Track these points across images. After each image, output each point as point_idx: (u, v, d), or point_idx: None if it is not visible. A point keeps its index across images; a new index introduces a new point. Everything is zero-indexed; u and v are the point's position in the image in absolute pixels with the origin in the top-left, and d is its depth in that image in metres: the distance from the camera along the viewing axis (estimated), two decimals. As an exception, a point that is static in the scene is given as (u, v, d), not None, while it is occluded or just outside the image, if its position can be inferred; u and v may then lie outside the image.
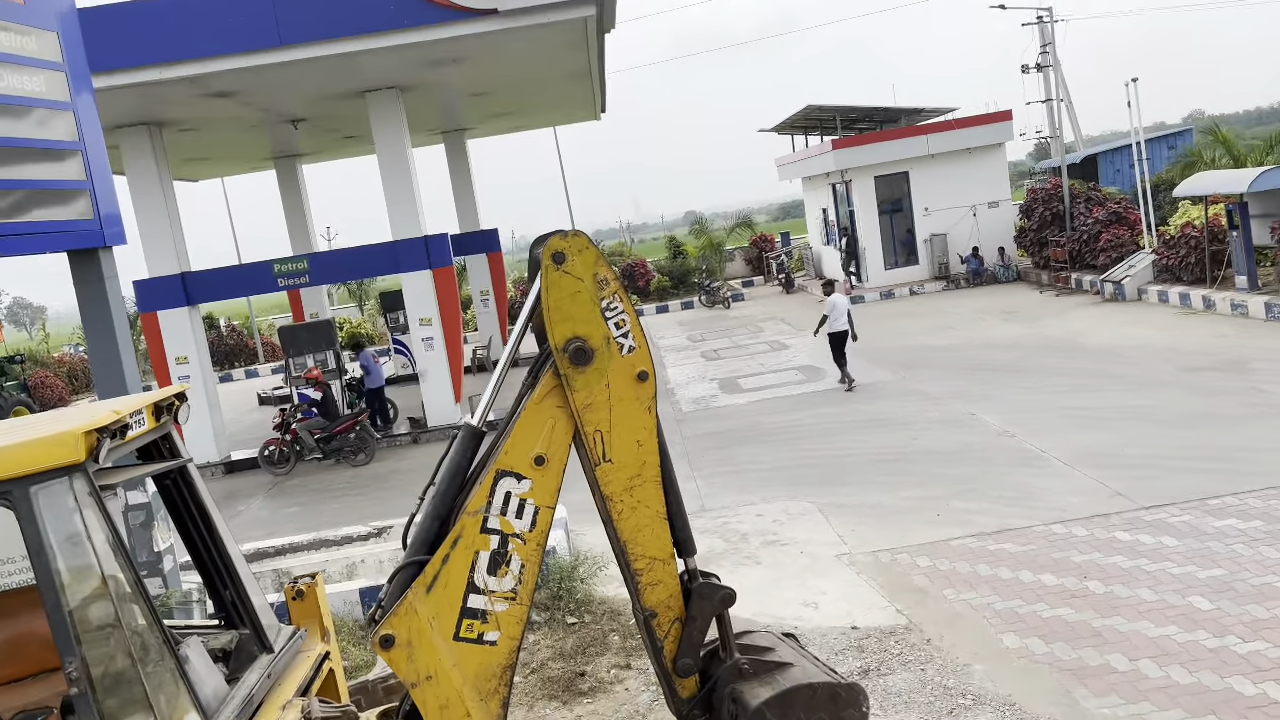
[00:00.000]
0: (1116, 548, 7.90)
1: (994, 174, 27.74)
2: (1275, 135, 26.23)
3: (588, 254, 3.85)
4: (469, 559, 3.76)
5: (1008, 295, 24.00)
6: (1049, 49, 28.03)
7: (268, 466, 15.96)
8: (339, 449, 15.87)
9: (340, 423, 15.98)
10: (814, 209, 34.54)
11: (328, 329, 18.06)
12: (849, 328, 15.64)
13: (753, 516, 10.03)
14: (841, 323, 15.64)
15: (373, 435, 16.25)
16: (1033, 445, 11.12)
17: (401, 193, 16.75)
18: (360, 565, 9.06)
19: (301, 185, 24.16)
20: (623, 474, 3.88)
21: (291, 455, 15.88)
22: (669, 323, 28.82)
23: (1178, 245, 19.94)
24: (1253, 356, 14.05)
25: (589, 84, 20.24)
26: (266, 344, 33.71)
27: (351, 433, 15.90)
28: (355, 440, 15.93)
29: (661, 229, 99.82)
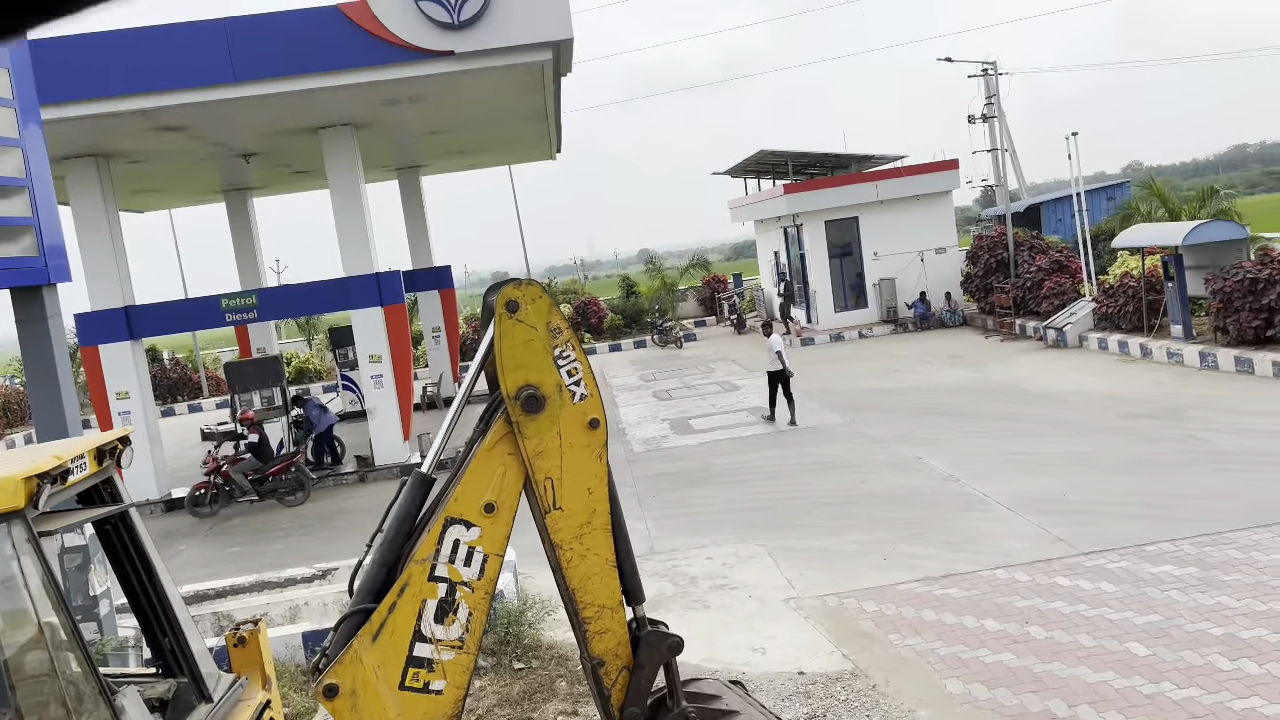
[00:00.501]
0: (1057, 593, 8.05)
1: (941, 221, 28.36)
2: (1208, 189, 27.21)
3: (541, 303, 3.90)
4: (416, 607, 3.73)
5: (954, 340, 24.46)
6: (994, 100, 28.88)
7: (193, 509, 15.42)
8: (274, 489, 15.52)
9: (275, 463, 15.62)
10: (766, 251, 34.99)
11: (275, 365, 17.83)
12: (783, 366, 16.41)
13: (702, 559, 10.05)
14: (782, 362, 16.40)
15: (309, 475, 15.94)
16: (977, 490, 11.31)
17: (354, 229, 16.68)
18: (304, 608, 8.90)
19: (251, 219, 23.93)
20: (573, 521, 3.89)
21: (221, 497, 15.41)
22: (621, 362, 28.88)
23: (1117, 294, 20.51)
24: (1188, 404, 14.45)
25: (545, 125, 20.40)
26: (211, 378, 33.13)
27: (286, 473, 15.57)
28: (291, 480, 15.60)
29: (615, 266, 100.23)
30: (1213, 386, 15.52)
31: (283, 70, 13.67)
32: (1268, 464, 10.97)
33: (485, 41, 13.52)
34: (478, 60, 13.70)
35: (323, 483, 16.98)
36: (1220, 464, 11.20)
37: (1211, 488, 10.33)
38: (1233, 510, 9.49)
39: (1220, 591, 7.66)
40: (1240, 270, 16.83)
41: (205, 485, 15.47)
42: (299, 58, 13.63)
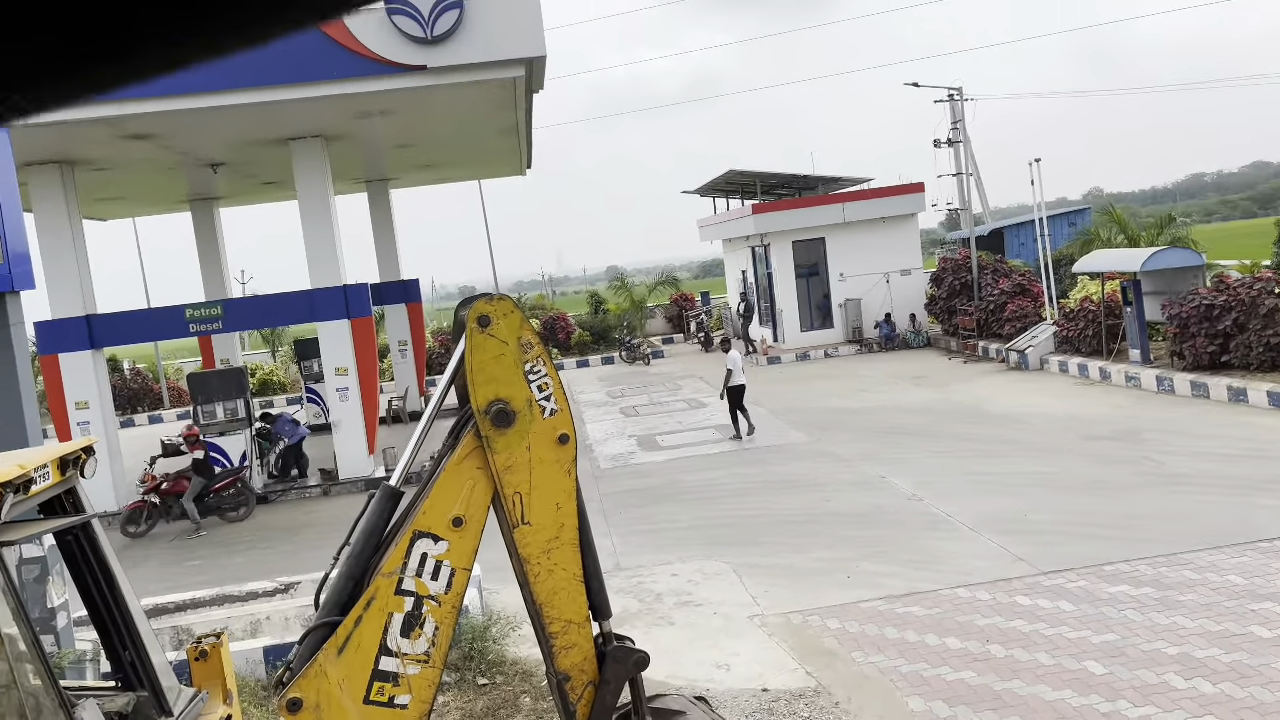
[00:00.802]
0: (1017, 612, 8.16)
1: (906, 243, 28.71)
2: (1167, 216, 27.82)
3: (512, 318, 3.93)
4: (382, 621, 3.73)
5: (918, 360, 24.73)
6: (959, 125, 29.37)
7: (124, 527, 14.91)
8: (216, 506, 15.20)
9: (220, 480, 15.35)
10: (734, 270, 35.20)
11: (239, 376, 17.63)
12: (744, 381, 16.87)
13: (668, 576, 10.07)
14: (739, 377, 16.73)
15: (252, 491, 15.69)
16: (940, 509, 11.43)
17: (322, 241, 16.60)
18: (265, 622, 8.81)
19: (218, 229, 23.72)
20: (541, 536, 3.91)
21: (155, 516, 14.95)
22: (589, 378, 28.89)
23: (1077, 318, 20.86)
24: (1145, 427, 14.72)
25: (516, 140, 20.44)
26: (173, 389, 32.69)
27: (230, 489, 15.32)
28: (233, 497, 15.30)
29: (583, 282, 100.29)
30: (1169, 410, 15.82)
31: (253, 81, 13.60)
32: (1222, 487, 11.20)
33: (458, 57, 13.55)
34: (450, 75, 13.73)
35: (285, 496, 16.81)
36: (1176, 486, 11.41)
37: (1167, 509, 10.53)
38: (1188, 532, 9.68)
39: (1175, 611, 7.81)
40: (1196, 297, 17.20)
41: (140, 504, 15.01)
42: (270, 68, 13.57)
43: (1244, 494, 10.81)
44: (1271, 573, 8.41)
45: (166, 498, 15.04)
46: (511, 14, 13.53)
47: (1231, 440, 13.32)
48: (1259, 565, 8.61)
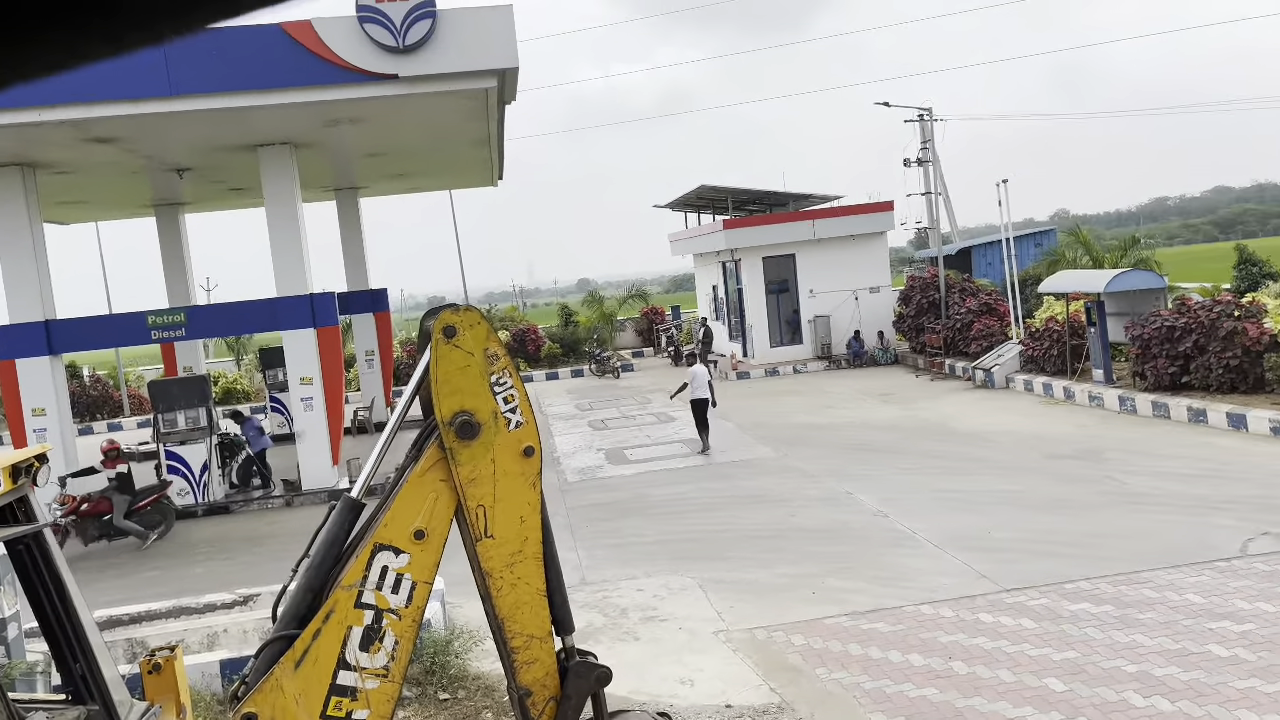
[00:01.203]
0: (980, 629, 8.20)
1: (876, 261, 28.94)
2: (1131, 239, 28.27)
3: (479, 329, 3.89)
4: (341, 634, 3.67)
5: (886, 377, 24.89)
6: (929, 145, 29.69)
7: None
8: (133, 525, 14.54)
9: (143, 497, 14.90)
10: (705, 285, 35.31)
11: (201, 385, 17.38)
12: (709, 395, 17.01)
13: (633, 591, 10.02)
14: (703, 391, 16.95)
15: (173, 508, 15.23)
16: (905, 526, 11.48)
17: (289, 249, 16.43)
18: (223, 635, 8.66)
19: (183, 235, 23.43)
20: (504, 550, 3.87)
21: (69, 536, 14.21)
22: (558, 390, 28.81)
23: (1042, 338, 21.11)
24: (1108, 446, 14.90)
25: (487, 151, 20.39)
26: (134, 397, 32.20)
27: (151, 507, 14.91)
28: (152, 515, 14.73)
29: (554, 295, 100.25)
30: (1131, 430, 16.02)
31: (221, 86, 13.47)
32: (1181, 506, 11.35)
33: (430, 66, 13.50)
34: (422, 85, 13.67)
35: (247, 506, 16.58)
36: (1137, 505, 11.55)
37: (1128, 528, 10.64)
38: (1148, 550, 9.79)
39: (1135, 630, 7.88)
40: (1158, 319, 17.47)
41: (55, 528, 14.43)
42: (239, 74, 13.44)
43: (1202, 513, 10.96)
44: (1228, 592, 8.51)
45: (86, 520, 14.28)
46: (484, 25, 13.51)
47: (1191, 460, 13.51)
48: (1216, 584, 8.72)
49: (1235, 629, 7.72)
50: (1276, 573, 8.88)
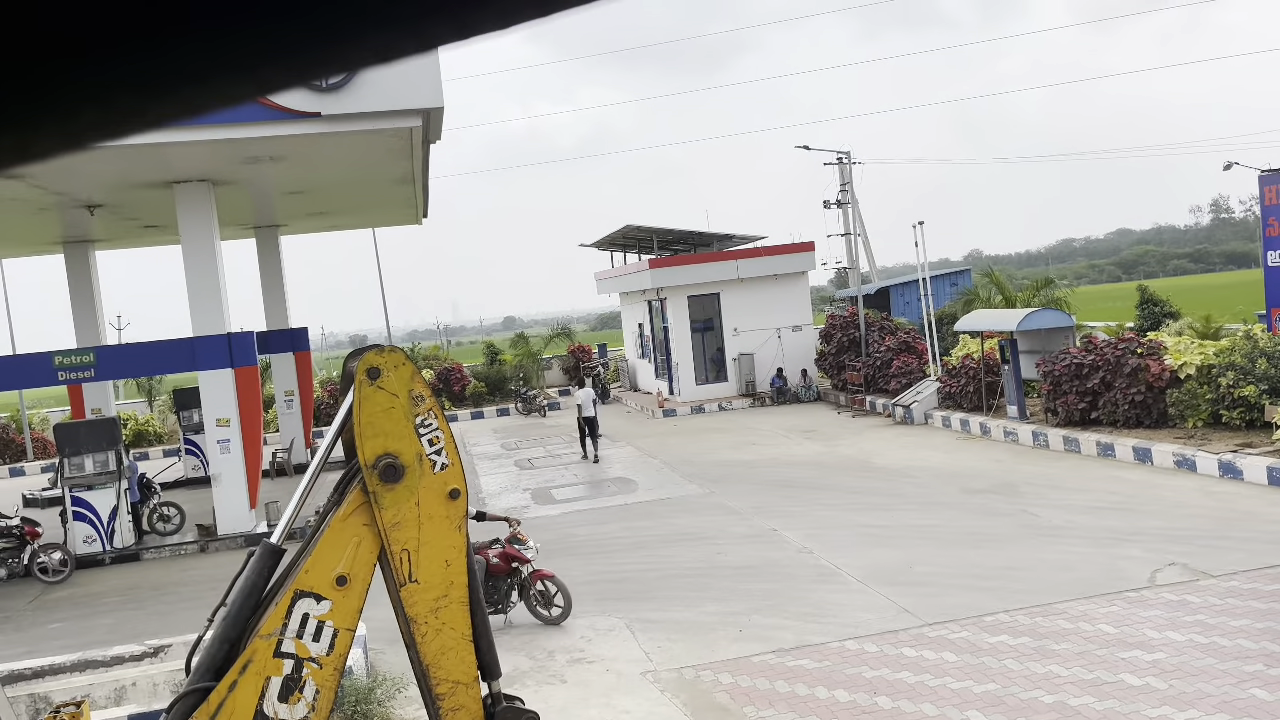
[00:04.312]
0: (903, 663, 8.31)
1: (798, 300, 29.46)
2: (1044, 279, 29.32)
3: (403, 370, 3.87)
4: (259, 685, 3.58)
5: (809, 414, 25.25)
6: (848, 187, 30.45)
7: None
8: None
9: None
10: (631, 323, 35.49)
11: (111, 427, 16.78)
12: (594, 413, 20.76)
13: (560, 633, 9.93)
14: (589, 409, 20.65)
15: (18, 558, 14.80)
16: (829, 562, 11.61)
17: (206, 288, 16.05)
18: (131, 689, 8.31)
19: (93, 272, 22.71)
20: (429, 595, 3.82)
21: None
22: (484, 429, 28.54)
23: (959, 375, 21.68)
24: (1022, 480, 15.32)
25: (412, 190, 20.28)
26: (38, 440, 30.92)
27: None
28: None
29: (480, 332, 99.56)
30: (1045, 464, 16.50)
31: (137, 121, 13.15)
32: (1092, 538, 11.70)
33: (354, 105, 13.41)
34: (345, 124, 13.57)
35: (159, 553, 15.99)
36: (1051, 538, 11.88)
37: (1043, 560, 10.93)
38: (1062, 582, 10.06)
39: (1051, 660, 8.08)
40: (1067, 356, 18.10)
41: None
42: (155, 110, 13.14)
43: (1112, 545, 11.31)
44: (1139, 621, 8.79)
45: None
46: (409, 64, 13.47)
47: (1101, 493, 13.96)
48: (1127, 614, 9.00)
49: (1146, 658, 7.97)
50: (1184, 602, 9.21)
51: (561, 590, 10.18)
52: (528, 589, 10.20)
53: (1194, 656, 7.90)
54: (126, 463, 16.40)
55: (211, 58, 0.41)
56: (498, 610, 10.03)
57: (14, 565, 14.79)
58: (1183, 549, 10.87)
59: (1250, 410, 15.32)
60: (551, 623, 10.10)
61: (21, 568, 14.77)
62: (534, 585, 10.19)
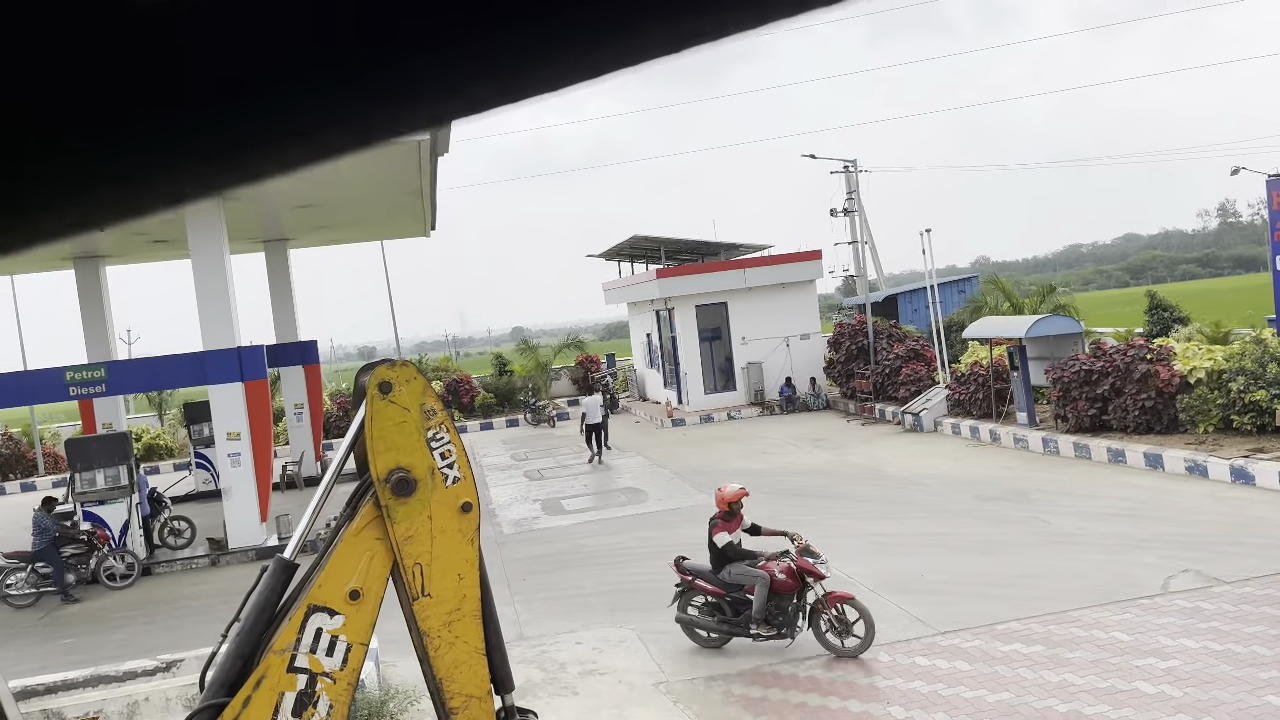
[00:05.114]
0: (916, 672, 8.28)
1: (805, 308, 29.46)
2: (1048, 286, 29.25)
3: (415, 384, 3.88)
4: (273, 701, 3.58)
5: (818, 423, 25.21)
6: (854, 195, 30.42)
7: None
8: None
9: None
10: (639, 333, 35.52)
11: (122, 442, 16.84)
12: (599, 420, 21.68)
13: (572, 644, 9.92)
14: (595, 416, 21.62)
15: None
16: (841, 571, 11.55)
17: (216, 302, 16.12)
18: (144, 704, 8.32)
19: (103, 288, 22.84)
20: (442, 609, 3.83)
21: None
22: (493, 440, 28.56)
23: (968, 382, 21.62)
24: (1033, 488, 15.26)
25: (420, 203, 20.36)
26: (49, 455, 31.05)
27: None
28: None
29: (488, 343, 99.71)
30: (1055, 471, 16.44)
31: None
32: (1104, 545, 11.65)
33: (361, 119, 13.46)
34: (353, 137, 13.61)
35: (170, 567, 16.03)
36: (1063, 545, 11.83)
37: (1055, 568, 10.88)
38: (1075, 590, 10.01)
39: (1065, 669, 8.04)
40: (1076, 362, 18.05)
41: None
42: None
43: (1125, 552, 11.26)
44: (1153, 629, 8.75)
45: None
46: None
47: (1112, 500, 13.90)
48: (1141, 622, 8.95)
49: (1160, 665, 7.92)
50: (1197, 609, 9.16)
51: (864, 617, 8.67)
52: (820, 613, 8.83)
53: (1208, 664, 7.85)
54: (137, 477, 16.48)
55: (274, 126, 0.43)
56: (781, 635, 8.88)
57: (82, 571, 14.90)
58: (1196, 555, 10.81)
59: (1261, 415, 15.25)
60: (845, 654, 8.66)
61: (89, 573, 14.90)
62: (829, 609, 8.77)
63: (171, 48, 0.39)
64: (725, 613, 9.14)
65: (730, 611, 9.10)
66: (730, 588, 9.11)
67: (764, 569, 8.88)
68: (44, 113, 0.39)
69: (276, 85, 0.40)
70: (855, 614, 8.72)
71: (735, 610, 9.08)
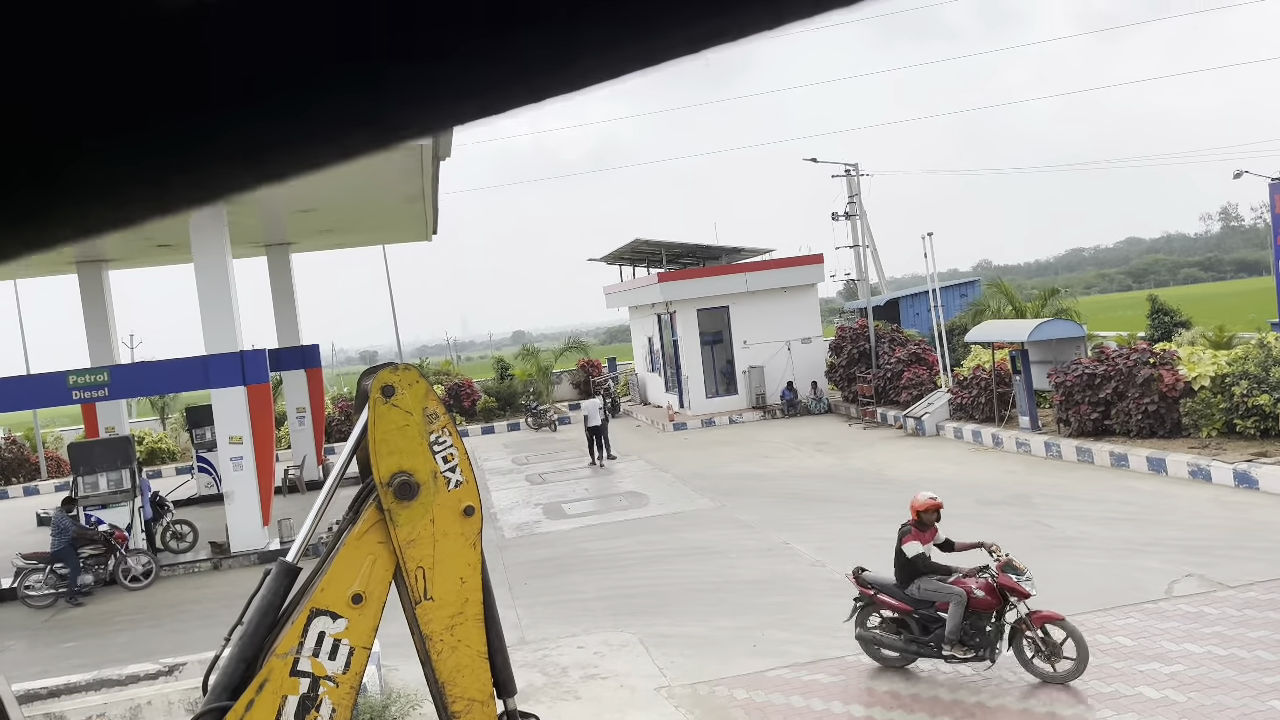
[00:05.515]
0: (919, 677, 8.26)
1: (807, 312, 29.45)
2: (1050, 289, 29.22)
3: (418, 388, 3.88)
4: (276, 704, 3.58)
5: (819, 426, 25.19)
6: (856, 199, 30.42)
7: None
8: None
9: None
10: (640, 337, 35.52)
11: (125, 446, 16.86)
12: (599, 423, 21.92)
13: (574, 648, 9.91)
14: (595, 419, 21.86)
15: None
16: (843, 575, 11.54)
17: (218, 307, 16.14)
18: (147, 708, 8.32)
19: (106, 292, 22.87)
20: (444, 612, 3.83)
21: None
22: (494, 444, 28.56)
23: (970, 386, 21.61)
24: (1036, 492, 15.24)
25: (422, 207, 20.38)
26: (51, 459, 31.07)
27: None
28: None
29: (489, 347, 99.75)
30: (1058, 475, 16.42)
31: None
32: (1107, 549, 11.63)
33: (364, 123, 13.48)
34: (356, 141, 13.63)
35: (173, 571, 16.03)
36: (1066, 549, 11.81)
37: (1059, 572, 10.85)
38: (1078, 594, 9.98)
39: (1068, 673, 8.01)
40: (1079, 366, 18.03)
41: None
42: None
43: (1128, 556, 11.24)
44: (1156, 633, 8.73)
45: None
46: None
47: (1115, 504, 13.88)
48: (1145, 626, 8.93)
49: (1164, 670, 7.90)
50: (1201, 613, 9.14)
51: (1074, 638, 7.78)
52: (1022, 633, 7.94)
53: (1212, 668, 7.83)
54: (139, 481, 16.49)
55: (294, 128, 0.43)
56: (980, 657, 7.95)
57: (100, 571, 14.94)
58: (1199, 560, 10.79)
59: (1265, 419, 15.23)
60: (1055, 680, 7.78)
61: (108, 574, 14.94)
62: (1033, 630, 7.87)
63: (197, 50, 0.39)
64: (912, 630, 8.30)
65: (918, 629, 8.27)
66: (919, 604, 8.29)
67: (959, 584, 8.06)
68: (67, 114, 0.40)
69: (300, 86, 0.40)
70: (1063, 634, 7.86)
71: (924, 628, 8.24)
